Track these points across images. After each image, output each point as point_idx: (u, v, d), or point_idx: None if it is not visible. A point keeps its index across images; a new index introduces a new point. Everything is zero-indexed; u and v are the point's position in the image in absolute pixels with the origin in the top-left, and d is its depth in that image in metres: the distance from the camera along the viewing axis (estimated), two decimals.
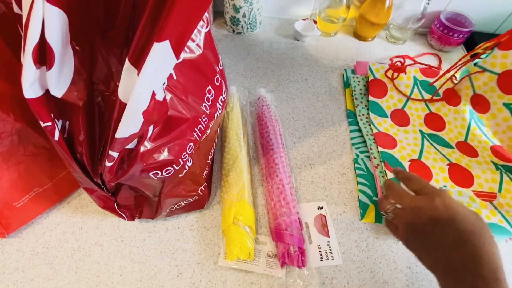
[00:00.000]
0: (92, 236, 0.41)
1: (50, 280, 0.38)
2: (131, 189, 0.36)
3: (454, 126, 0.53)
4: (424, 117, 0.55)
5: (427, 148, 0.50)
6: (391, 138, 0.51)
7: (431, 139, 0.52)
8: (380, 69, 0.59)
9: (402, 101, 0.56)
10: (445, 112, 0.55)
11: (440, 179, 0.46)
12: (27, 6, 0.22)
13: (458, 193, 0.45)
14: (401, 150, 0.49)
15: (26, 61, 0.23)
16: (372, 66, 0.59)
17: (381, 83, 0.57)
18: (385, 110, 0.55)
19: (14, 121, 0.34)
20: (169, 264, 0.40)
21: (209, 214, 0.44)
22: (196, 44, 0.30)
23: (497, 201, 0.45)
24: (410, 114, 0.55)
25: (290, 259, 0.38)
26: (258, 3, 0.65)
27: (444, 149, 0.51)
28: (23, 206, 0.39)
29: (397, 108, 0.56)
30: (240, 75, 0.63)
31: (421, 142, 0.51)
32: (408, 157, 0.49)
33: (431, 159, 0.49)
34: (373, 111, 0.55)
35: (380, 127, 0.52)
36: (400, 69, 0.58)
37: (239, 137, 0.49)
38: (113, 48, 0.27)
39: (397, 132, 0.53)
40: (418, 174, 0.41)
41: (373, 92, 0.57)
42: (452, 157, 0.49)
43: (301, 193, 0.47)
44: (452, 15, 0.69)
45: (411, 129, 0.54)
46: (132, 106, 0.24)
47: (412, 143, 0.51)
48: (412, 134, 0.53)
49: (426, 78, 0.58)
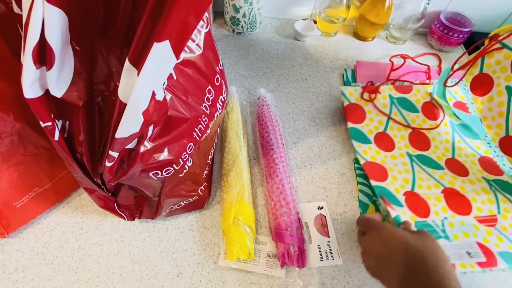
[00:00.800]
0: (92, 236, 0.41)
1: (50, 280, 0.38)
2: (131, 189, 0.36)
3: (439, 142, 0.52)
4: (407, 137, 0.52)
5: (418, 174, 0.48)
6: (381, 168, 0.48)
7: (420, 161, 0.50)
8: (354, 92, 0.56)
9: (383, 123, 0.53)
10: (427, 128, 0.53)
11: (439, 211, 0.43)
12: (27, 6, 0.22)
13: (461, 223, 0.42)
14: (393, 181, 0.46)
15: (26, 61, 0.23)
16: (345, 90, 0.55)
17: (357, 107, 0.54)
18: (367, 135, 0.52)
19: (14, 121, 0.34)
20: (169, 264, 0.40)
21: (209, 214, 0.44)
22: (196, 44, 0.30)
23: (499, 224, 0.43)
24: (394, 136, 0.52)
25: (290, 259, 0.38)
26: (258, 3, 0.65)
27: (435, 171, 0.48)
28: (23, 206, 0.39)
29: (379, 131, 0.52)
30: (240, 75, 0.63)
31: (411, 167, 0.49)
32: (401, 188, 0.46)
33: (424, 187, 0.46)
34: (355, 139, 0.51)
35: (366, 156, 0.49)
36: (375, 90, 0.56)
37: (239, 137, 0.49)
38: (113, 48, 0.27)
39: (385, 159, 0.49)
40: (415, 209, 0.43)
41: (351, 117, 0.53)
42: (445, 181, 0.47)
43: (301, 193, 0.47)
44: (452, 15, 0.69)
45: (398, 152, 0.51)
46: (132, 106, 0.24)
47: (403, 169, 0.48)
48: (400, 159, 0.50)
49: (401, 95, 0.56)
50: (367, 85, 0.57)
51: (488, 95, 0.47)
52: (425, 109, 0.55)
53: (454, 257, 0.39)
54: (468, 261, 0.39)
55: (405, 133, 0.53)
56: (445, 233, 0.41)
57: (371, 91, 0.56)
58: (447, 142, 0.52)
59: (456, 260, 0.39)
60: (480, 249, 0.40)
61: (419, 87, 0.57)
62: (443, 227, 0.42)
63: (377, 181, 0.45)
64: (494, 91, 0.46)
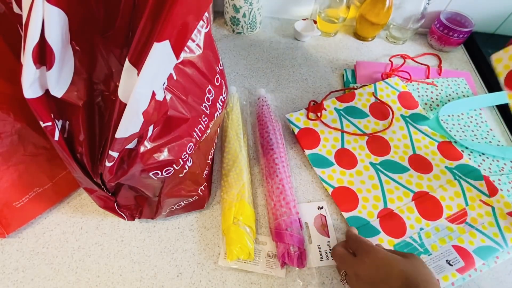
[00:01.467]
0: (92, 236, 0.41)
1: (50, 280, 0.38)
2: (131, 189, 0.36)
3: (397, 140, 0.52)
4: (366, 145, 0.51)
5: (386, 185, 0.47)
6: (349, 193, 0.46)
7: (384, 168, 0.49)
8: (300, 116, 0.54)
9: (338, 139, 0.52)
10: (381, 130, 0.53)
11: (414, 223, 0.43)
12: (27, 6, 0.22)
13: (435, 230, 0.43)
14: (364, 205, 0.45)
15: (26, 61, 0.23)
16: (291, 117, 0.53)
17: (308, 131, 0.52)
18: (327, 157, 0.50)
19: (14, 121, 0.34)
20: (169, 264, 0.40)
21: (209, 214, 0.44)
22: (196, 44, 0.30)
23: (469, 217, 0.44)
24: (353, 149, 0.51)
25: (290, 259, 0.38)
26: (258, 3, 0.65)
27: (402, 176, 0.48)
28: (23, 206, 0.39)
29: (337, 149, 0.51)
30: (240, 75, 0.63)
31: (378, 180, 0.48)
32: (374, 210, 0.45)
33: (395, 199, 0.46)
34: (317, 165, 0.49)
35: (332, 181, 0.47)
36: (319, 107, 0.55)
37: (239, 137, 0.49)
38: (113, 48, 0.27)
39: (351, 178, 0.48)
40: (391, 231, 0.43)
41: (305, 144, 0.51)
42: (412, 185, 0.47)
43: (301, 193, 0.47)
44: (452, 15, 0.69)
45: (362, 166, 0.49)
46: (132, 106, 0.24)
47: (370, 185, 0.47)
48: (365, 173, 0.48)
49: (346, 104, 0.56)
50: (310, 105, 0.55)
51: None
52: (373, 111, 0.55)
53: (436, 271, 0.40)
54: (450, 271, 0.39)
55: (363, 142, 0.52)
56: (423, 247, 0.42)
57: (315, 110, 0.54)
58: (405, 138, 0.53)
59: (438, 274, 0.39)
60: (457, 253, 0.41)
61: (361, 91, 0.58)
62: (421, 240, 0.42)
63: (348, 212, 0.44)
64: None
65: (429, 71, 0.65)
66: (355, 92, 0.57)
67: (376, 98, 0.57)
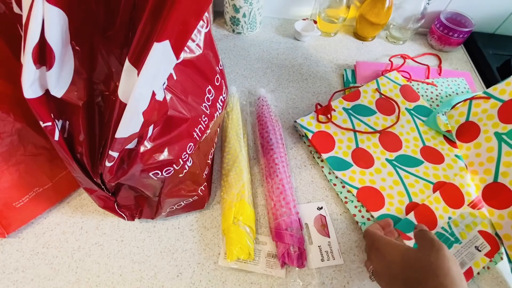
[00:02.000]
0: (92, 236, 0.41)
1: (50, 280, 0.38)
2: (131, 189, 0.36)
3: (407, 134, 0.53)
4: (379, 142, 0.52)
5: (406, 180, 0.47)
6: (374, 192, 0.46)
7: (400, 163, 0.49)
8: (311, 120, 0.53)
9: (352, 140, 0.52)
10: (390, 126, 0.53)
11: (442, 213, 0.44)
12: (27, 6, 0.22)
13: (461, 217, 0.44)
14: (391, 203, 0.45)
15: (26, 61, 0.23)
16: (302, 122, 0.52)
17: (321, 134, 0.51)
18: (345, 158, 0.49)
19: (14, 121, 0.34)
20: (169, 264, 0.40)
21: (209, 214, 0.44)
22: (196, 44, 0.30)
23: None
24: (367, 147, 0.51)
25: (290, 259, 0.38)
26: (258, 3, 0.65)
27: (418, 169, 0.49)
28: (23, 206, 0.39)
29: (352, 149, 0.50)
30: (240, 75, 0.63)
31: (398, 176, 0.48)
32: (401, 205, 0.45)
33: (418, 193, 0.46)
34: (337, 168, 0.48)
35: (354, 183, 0.47)
36: (328, 109, 0.54)
37: (239, 137, 0.49)
38: (113, 48, 0.27)
39: (372, 177, 0.48)
40: (427, 222, 0.43)
41: (321, 148, 0.50)
42: (430, 177, 0.48)
43: (301, 193, 0.47)
44: (452, 15, 0.69)
45: (379, 163, 0.49)
46: (132, 106, 0.24)
47: (392, 182, 0.47)
48: (384, 170, 0.48)
49: (353, 103, 0.56)
50: (316, 107, 0.54)
51: (475, 141, 0.48)
52: (379, 107, 0.56)
53: (468, 258, 0.41)
54: (479, 256, 0.41)
55: (375, 140, 0.52)
56: (454, 236, 0.43)
57: (324, 112, 0.54)
58: (413, 131, 0.53)
59: (470, 261, 0.40)
60: (483, 238, 0.42)
61: (365, 88, 0.58)
62: (451, 230, 0.43)
63: (377, 211, 0.44)
64: (482, 137, 0.47)
65: (429, 71, 0.65)
66: (360, 89, 0.58)
67: (380, 94, 0.57)
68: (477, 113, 0.48)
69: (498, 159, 0.44)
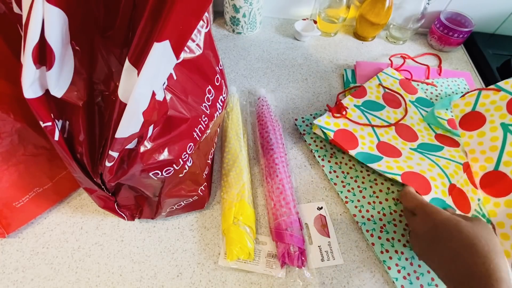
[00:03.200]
0: (92, 236, 0.41)
1: (50, 280, 0.38)
2: (131, 189, 0.36)
3: (417, 124, 0.54)
4: (397, 135, 0.52)
5: (438, 162, 0.47)
6: (419, 177, 0.44)
7: (425, 150, 0.49)
8: (328, 119, 0.51)
9: (373, 135, 0.51)
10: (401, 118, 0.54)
11: (473, 196, 0.44)
12: (27, 6, 0.22)
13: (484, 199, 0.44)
14: (437, 186, 0.44)
15: (26, 61, 0.23)
16: (319, 123, 0.50)
17: (343, 132, 0.50)
18: (372, 153, 0.48)
19: (14, 121, 0.34)
20: (169, 264, 0.40)
21: (209, 214, 0.44)
22: (196, 44, 0.30)
23: None
24: (388, 140, 0.50)
25: (290, 259, 0.38)
26: (258, 3, 0.65)
27: (444, 153, 0.49)
28: (23, 206, 0.39)
29: (376, 143, 0.50)
30: (240, 75, 0.63)
31: (428, 159, 0.47)
32: (444, 187, 0.44)
33: (453, 173, 0.46)
34: (369, 161, 0.46)
35: (393, 170, 0.45)
36: (340, 107, 0.53)
37: (239, 137, 0.49)
38: (113, 48, 0.27)
39: (408, 164, 0.46)
40: (463, 205, 0.43)
41: (347, 145, 0.48)
42: (456, 158, 0.48)
43: (301, 193, 0.47)
44: (452, 15, 0.69)
45: (407, 153, 0.48)
46: (132, 106, 0.24)
47: (427, 164, 0.46)
48: (415, 157, 0.47)
49: (362, 99, 0.56)
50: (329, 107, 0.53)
51: (479, 130, 0.48)
52: (387, 101, 0.56)
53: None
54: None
55: (393, 132, 0.52)
56: (485, 217, 0.43)
57: (338, 110, 0.53)
58: (422, 121, 0.54)
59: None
60: None
61: (368, 84, 0.58)
62: (482, 211, 0.43)
63: (427, 195, 0.42)
64: (487, 127, 0.47)
65: (429, 71, 0.65)
66: (364, 86, 0.58)
67: (384, 88, 0.58)
68: (484, 104, 0.48)
69: (502, 149, 0.44)
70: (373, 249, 0.42)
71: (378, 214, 0.45)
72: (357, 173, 0.49)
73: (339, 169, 0.49)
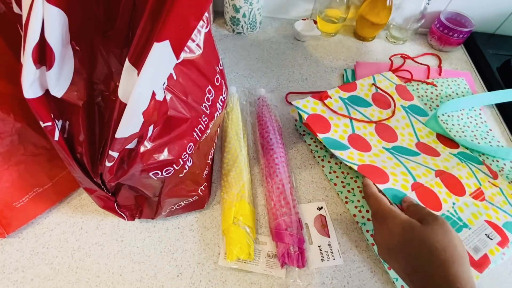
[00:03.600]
0: (92, 236, 0.41)
1: (50, 280, 0.38)
2: (131, 189, 0.36)
3: (402, 129, 0.53)
4: (375, 132, 0.51)
5: (406, 164, 0.46)
6: (376, 169, 0.44)
7: (398, 152, 0.49)
8: (307, 103, 0.51)
9: (348, 125, 0.51)
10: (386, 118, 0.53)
11: (446, 198, 0.43)
12: (27, 6, 0.22)
13: (465, 205, 0.43)
14: (396, 180, 0.43)
15: (26, 61, 0.23)
16: (297, 104, 0.50)
17: (317, 117, 0.50)
18: (341, 141, 0.48)
19: (14, 121, 0.34)
20: (169, 264, 0.40)
21: (209, 214, 0.44)
22: (196, 44, 0.30)
23: (486, 195, 0.45)
24: (363, 135, 0.50)
25: (290, 259, 0.38)
26: (258, 3, 0.65)
27: (417, 158, 0.48)
28: (23, 206, 0.39)
29: (349, 134, 0.49)
30: (240, 75, 0.63)
31: (396, 159, 0.47)
32: (406, 183, 0.43)
33: (421, 175, 0.44)
34: (333, 147, 0.46)
35: (354, 161, 0.45)
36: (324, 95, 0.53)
37: (239, 137, 0.49)
38: (113, 48, 0.27)
39: (370, 158, 0.46)
40: (431, 203, 0.42)
41: (317, 128, 0.48)
42: (429, 165, 0.47)
43: (301, 193, 0.47)
44: (452, 15, 0.69)
45: (377, 150, 0.48)
46: (132, 106, 0.24)
47: (393, 164, 0.46)
48: (383, 155, 0.47)
49: (350, 93, 0.55)
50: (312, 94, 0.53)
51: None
52: (375, 100, 0.56)
53: (481, 244, 0.40)
54: (492, 245, 0.40)
55: (372, 129, 0.52)
56: (462, 221, 0.42)
57: (321, 98, 0.53)
58: (408, 126, 0.54)
59: (484, 248, 0.40)
60: (491, 228, 0.41)
61: (361, 82, 0.58)
62: (457, 214, 0.42)
63: (383, 184, 0.42)
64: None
65: (429, 71, 0.65)
66: (356, 82, 0.57)
67: (377, 88, 0.57)
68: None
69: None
70: (373, 249, 0.42)
71: None
72: (357, 173, 0.49)
73: (339, 169, 0.49)
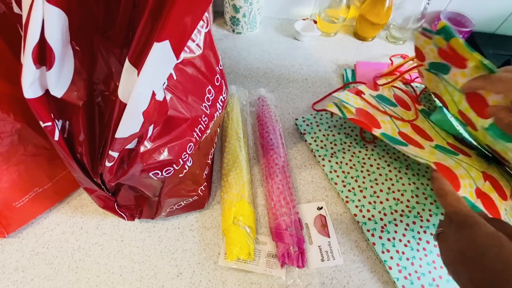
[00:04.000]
0: (92, 236, 0.41)
1: (50, 280, 0.38)
2: (131, 189, 0.36)
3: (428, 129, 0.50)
4: (413, 131, 0.47)
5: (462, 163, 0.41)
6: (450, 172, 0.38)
7: (443, 151, 0.44)
8: (347, 97, 0.48)
9: (392, 123, 0.47)
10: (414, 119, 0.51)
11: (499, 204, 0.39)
12: (27, 6, 0.22)
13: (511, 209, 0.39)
14: (465, 184, 0.38)
15: (26, 61, 0.23)
16: (338, 96, 0.47)
17: (364, 112, 0.46)
18: (395, 137, 0.43)
19: (14, 121, 0.34)
20: (169, 264, 0.40)
21: (209, 214, 0.44)
22: (196, 44, 0.30)
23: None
24: (410, 133, 0.46)
25: (290, 259, 0.38)
26: (258, 3, 0.65)
27: (461, 158, 0.43)
28: (23, 206, 0.39)
29: (397, 131, 0.45)
30: (240, 75, 0.63)
31: (451, 159, 0.41)
32: (471, 188, 0.38)
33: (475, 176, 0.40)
34: (397, 143, 0.41)
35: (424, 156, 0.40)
36: (359, 91, 0.51)
37: (239, 137, 0.49)
38: (113, 48, 0.27)
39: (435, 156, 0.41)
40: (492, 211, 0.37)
41: (370, 123, 0.44)
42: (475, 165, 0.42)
43: (301, 193, 0.47)
44: (452, 15, 0.69)
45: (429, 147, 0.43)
46: (132, 106, 0.24)
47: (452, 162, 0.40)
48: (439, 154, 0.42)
49: (375, 92, 0.53)
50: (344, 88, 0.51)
51: None
52: (398, 101, 0.54)
53: None
54: None
55: (409, 129, 0.48)
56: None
57: (357, 93, 0.51)
58: (430, 129, 0.51)
59: None
60: None
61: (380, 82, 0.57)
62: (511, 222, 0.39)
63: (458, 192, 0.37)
64: None
65: None
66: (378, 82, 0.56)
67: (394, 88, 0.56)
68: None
69: None
70: (374, 249, 0.42)
71: (379, 214, 0.45)
72: (358, 173, 0.49)
73: (339, 168, 0.49)
